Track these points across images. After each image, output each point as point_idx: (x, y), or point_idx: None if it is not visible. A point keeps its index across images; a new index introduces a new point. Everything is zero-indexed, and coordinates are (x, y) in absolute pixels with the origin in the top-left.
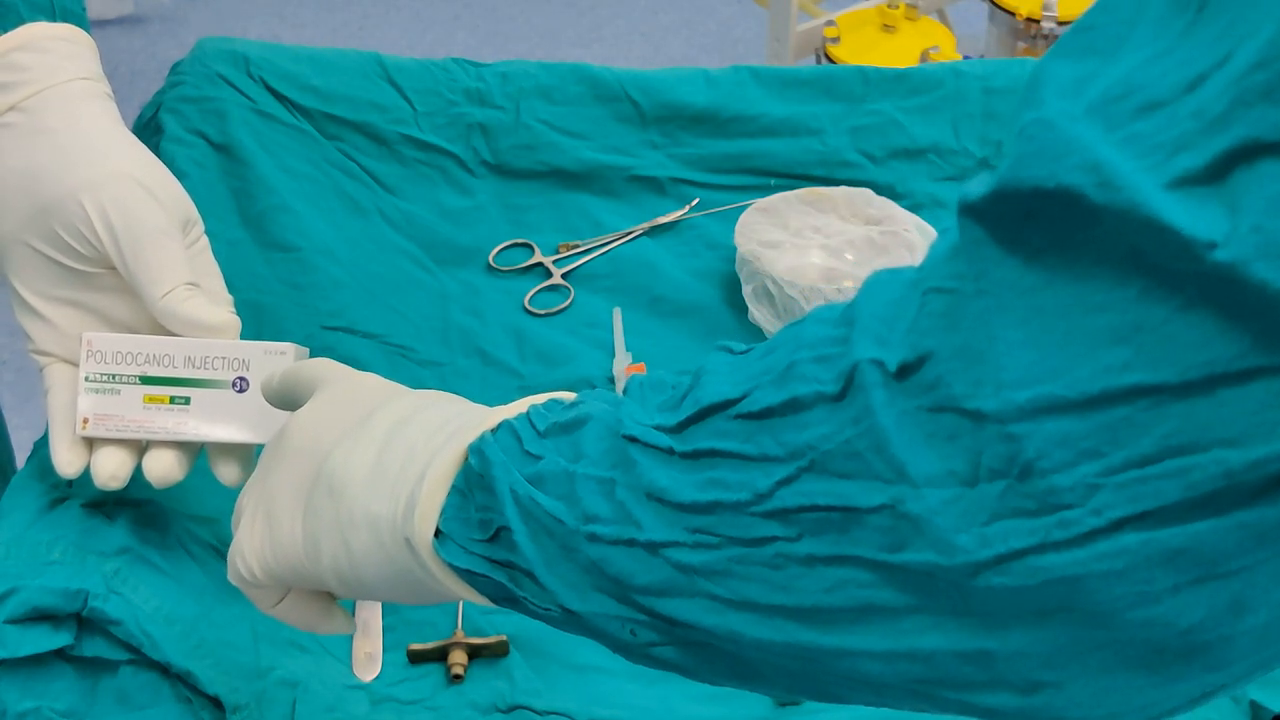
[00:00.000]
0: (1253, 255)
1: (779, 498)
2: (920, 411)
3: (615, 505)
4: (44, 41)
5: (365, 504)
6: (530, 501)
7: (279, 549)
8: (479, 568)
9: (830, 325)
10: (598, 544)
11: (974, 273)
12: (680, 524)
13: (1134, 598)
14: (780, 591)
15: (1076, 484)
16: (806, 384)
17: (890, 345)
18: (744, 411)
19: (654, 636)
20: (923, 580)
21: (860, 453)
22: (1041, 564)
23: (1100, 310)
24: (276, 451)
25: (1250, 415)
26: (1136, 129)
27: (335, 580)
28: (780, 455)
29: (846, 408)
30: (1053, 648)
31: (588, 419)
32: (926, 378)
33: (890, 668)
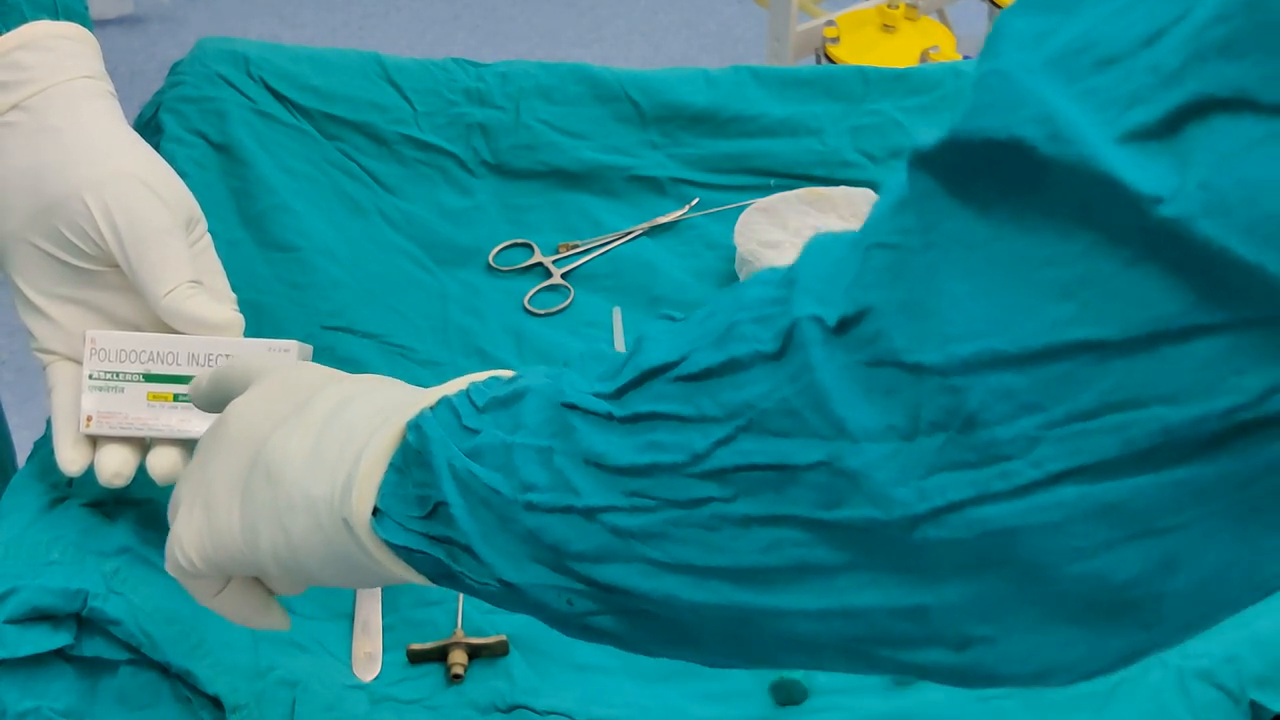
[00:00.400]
0: (1198, 212)
1: (716, 458)
2: (859, 366)
3: (553, 473)
4: (47, 40)
5: (303, 487)
6: (468, 474)
7: (217, 537)
8: (416, 544)
9: (771, 286)
10: (535, 512)
11: (920, 226)
12: (617, 488)
13: (1069, 551)
14: (716, 553)
15: (1017, 436)
16: (745, 344)
17: (830, 302)
18: (683, 373)
19: (591, 605)
20: (859, 537)
21: (797, 410)
22: (979, 516)
23: (1047, 264)
24: (213, 441)
25: (1190, 373)
26: (1094, 83)
27: (275, 566)
28: (718, 415)
29: (785, 366)
30: (988, 601)
31: (526, 391)
32: (866, 332)
33: (825, 626)
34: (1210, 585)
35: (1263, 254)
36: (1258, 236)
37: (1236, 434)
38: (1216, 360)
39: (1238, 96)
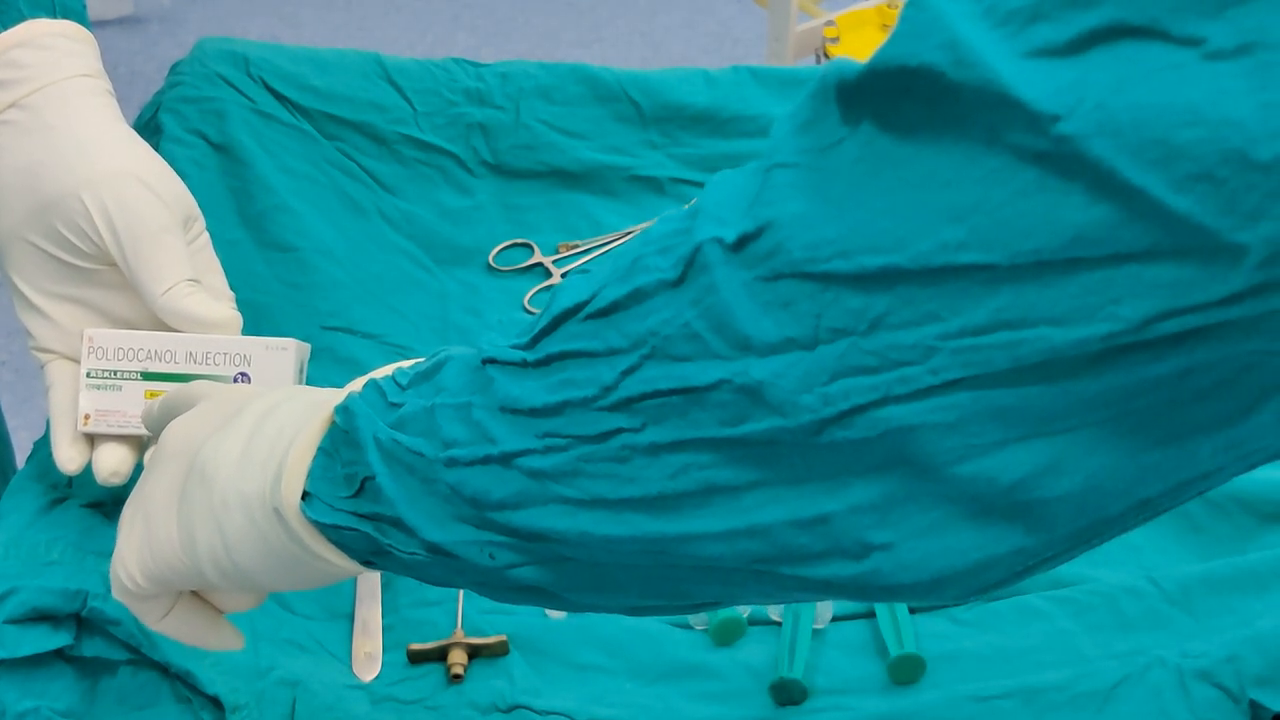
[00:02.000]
0: (1092, 131)
1: (623, 388)
2: (757, 282)
3: (472, 426)
4: (45, 38)
5: (236, 484)
6: (392, 444)
7: (156, 549)
8: (345, 522)
9: (676, 220)
10: (455, 468)
11: (822, 146)
12: (531, 430)
13: (963, 450)
14: (627, 484)
15: (917, 343)
16: (648, 274)
17: (729, 223)
18: (592, 310)
19: (512, 558)
20: (764, 451)
21: (699, 333)
22: (881, 416)
23: (947, 186)
24: (152, 460)
25: (1072, 300)
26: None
27: (213, 570)
28: (624, 346)
29: (686, 290)
30: (887, 502)
31: (447, 360)
32: (764, 246)
33: (732, 547)
34: (1092, 494)
35: (1147, 177)
36: (1145, 160)
37: (1118, 354)
38: (1096, 289)
39: (1149, 25)
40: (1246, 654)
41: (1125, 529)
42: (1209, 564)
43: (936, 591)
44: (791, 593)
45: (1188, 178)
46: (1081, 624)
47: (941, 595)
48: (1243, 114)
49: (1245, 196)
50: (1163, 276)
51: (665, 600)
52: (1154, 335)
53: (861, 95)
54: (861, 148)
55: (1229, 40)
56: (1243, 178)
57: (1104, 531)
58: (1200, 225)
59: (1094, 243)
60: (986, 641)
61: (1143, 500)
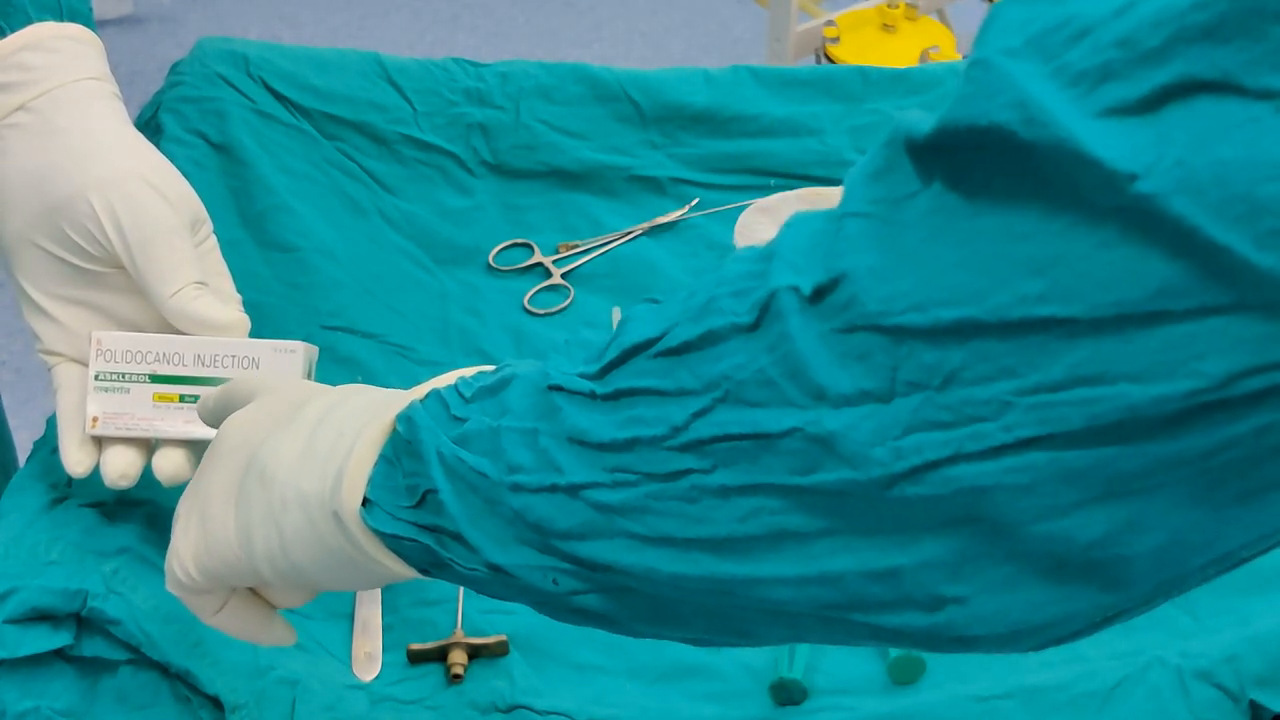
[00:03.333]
0: (1172, 189)
1: (694, 430)
2: (833, 334)
3: (538, 454)
4: (51, 41)
5: (295, 484)
6: (456, 460)
7: (213, 545)
8: (405, 532)
9: (750, 262)
10: (520, 493)
11: (895, 197)
12: (599, 464)
13: (1038, 510)
14: (696, 524)
15: (992, 399)
16: (723, 316)
17: (806, 271)
18: (663, 349)
19: (575, 585)
20: (834, 501)
21: (774, 380)
22: (953, 474)
23: (1024, 239)
24: (210, 454)
25: (1154, 355)
26: (1067, 58)
27: (269, 568)
28: (696, 388)
29: (761, 336)
30: (959, 560)
31: (513, 378)
32: (840, 298)
33: (802, 593)
34: (1173, 549)
35: (1230, 235)
36: (1227, 217)
37: (1199, 413)
38: (1179, 344)
39: (1222, 80)
40: (1246, 654)
41: (1206, 579)
42: None
43: (1011, 644)
44: (862, 639)
45: (1271, 233)
46: None
47: (1016, 647)
48: None
49: None
50: (1247, 331)
51: (730, 637)
52: (1236, 393)
53: (931, 153)
54: (934, 200)
55: None
56: None
57: (1184, 584)
58: None
59: (1178, 296)
60: None
61: (1224, 553)
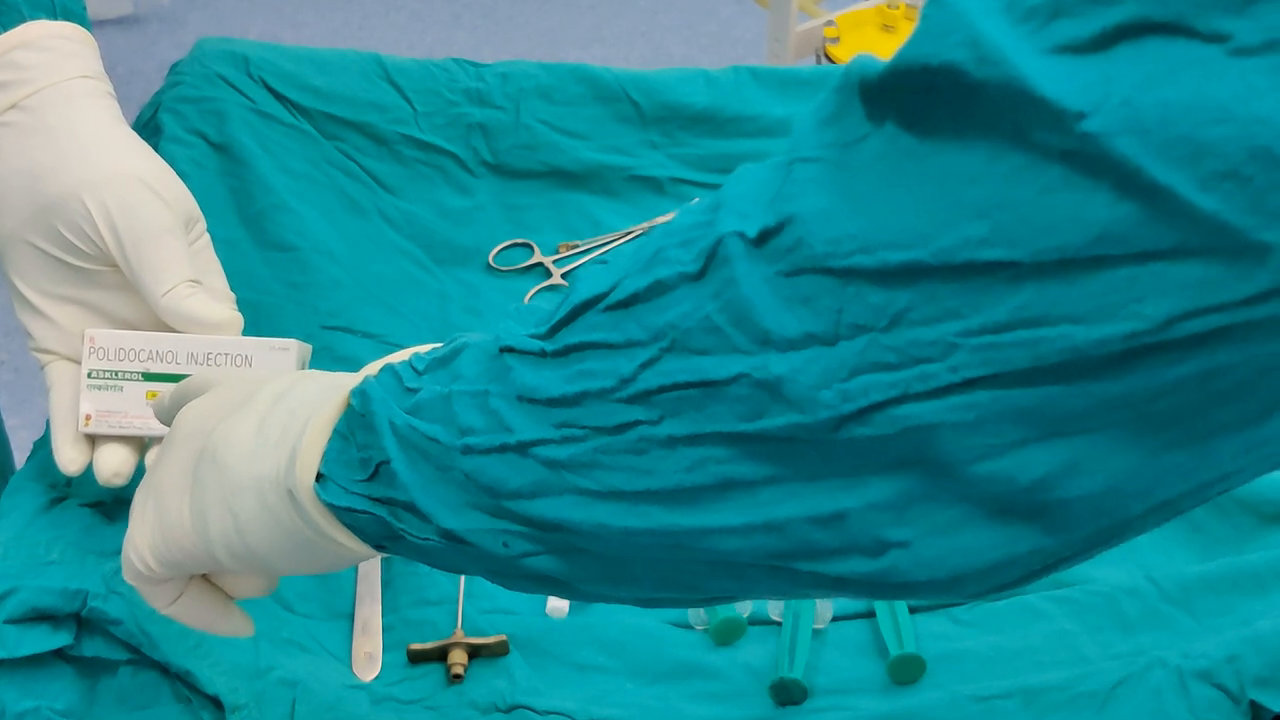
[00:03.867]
0: (1118, 129)
1: (641, 380)
2: (778, 277)
3: (489, 415)
4: (45, 40)
5: (249, 466)
6: (408, 429)
7: (168, 532)
8: (358, 505)
9: (698, 213)
10: (472, 455)
11: (844, 141)
12: (548, 420)
13: (982, 449)
14: (644, 476)
15: (938, 340)
16: (669, 266)
17: (751, 217)
18: (612, 302)
19: (527, 546)
20: (781, 447)
21: (719, 326)
22: (900, 413)
23: (971, 182)
24: (164, 444)
25: (1095, 298)
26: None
27: (225, 553)
28: (643, 339)
29: (707, 283)
30: (905, 500)
31: (465, 347)
32: (786, 241)
33: (748, 542)
34: (1112, 495)
35: (1173, 176)
36: (1171, 158)
37: (1140, 354)
38: (1120, 287)
39: (1173, 21)
40: (1246, 654)
41: (1145, 529)
42: (1209, 564)
43: (953, 589)
44: (806, 589)
45: (1214, 175)
46: (1082, 624)
47: (957, 593)
48: (1270, 111)
49: (1272, 195)
50: (1187, 275)
51: (679, 593)
52: (1177, 335)
53: (884, 94)
54: (885, 144)
55: (1255, 36)
56: (1270, 175)
57: (1123, 532)
58: (1226, 224)
59: (1119, 240)
60: (987, 641)
61: (1163, 501)
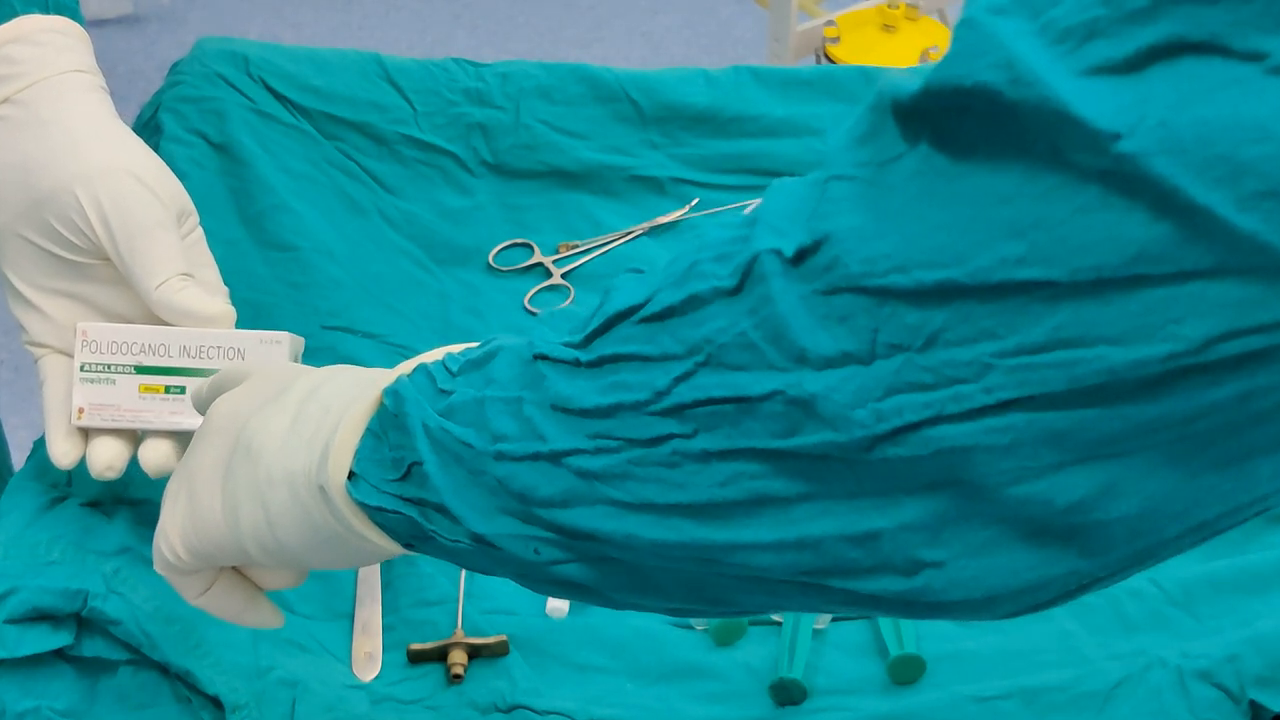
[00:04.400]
0: (1155, 149)
1: (675, 394)
2: (815, 295)
3: (522, 422)
4: (38, 34)
5: (281, 461)
6: (441, 432)
7: (200, 523)
8: (389, 505)
9: (733, 228)
10: (504, 462)
11: (880, 160)
12: (582, 431)
13: (1018, 472)
14: (676, 490)
15: (973, 360)
16: (705, 280)
17: (788, 234)
18: (647, 314)
19: (557, 554)
20: (815, 465)
21: (755, 343)
22: (934, 435)
23: (1007, 202)
24: (198, 435)
25: (1133, 318)
26: (1054, 14)
27: (255, 546)
28: (678, 353)
29: (743, 299)
30: (939, 521)
31: (499, 350)
32: (823, 260)
33: (780, 559)
34: (1150, 516)
35: (1212, 196)
36: (1209, 178)
37: (1178, 376)
38: (1158, 307)
39: (1209, 40)
40: (1246, 654)
41: (1181, 550)
42: (1210, 564)
43: (987, 609)
44: (838, 605)
45: (1253, 195)
46: (1083, 624)
47: (992, 613)
48: None
49: None
50: (1226, 296)
51: (707, 605)
52: (1215, 356)
53: (918, 114)
54: (919, 164)
55: None
56: None
57: (1159, 552)
58: (1266, 244)
59: (1156, 260)
60: (987, 641)
61: (1200, 522)
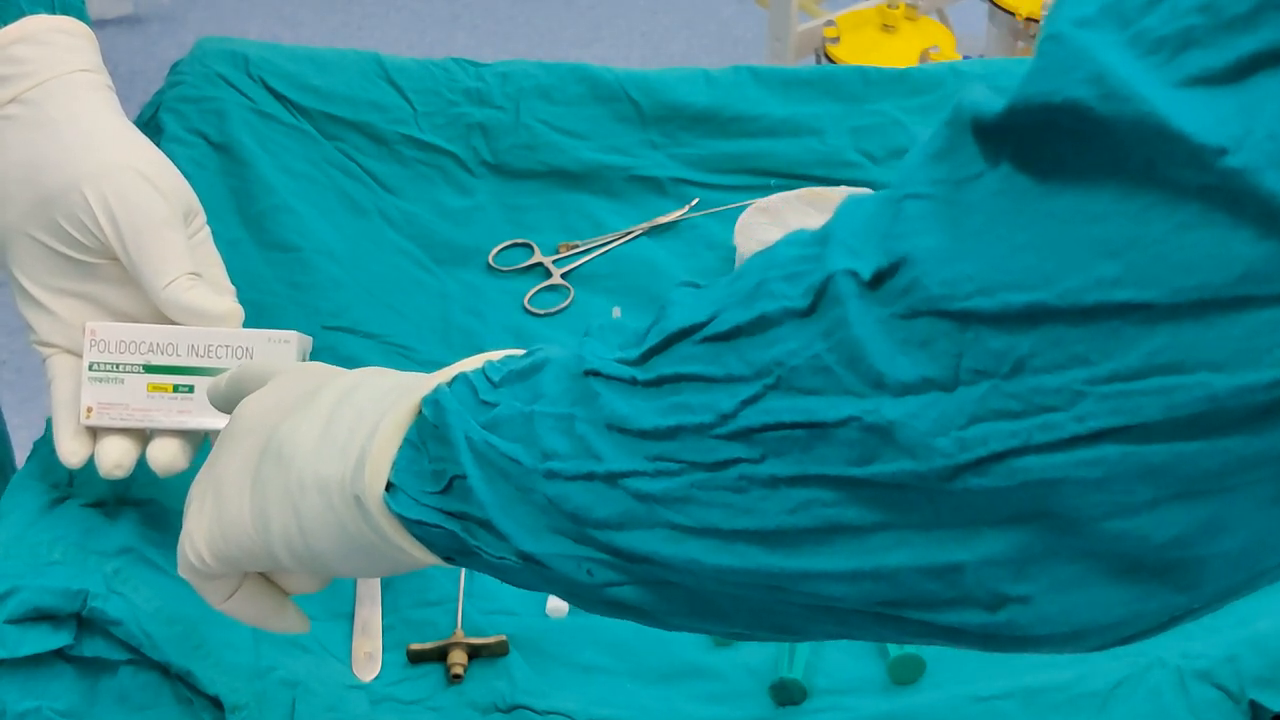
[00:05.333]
0: (1265, 163)
1: (743, 418)
2: (893, 319)
3: (574, 440)
4: (44, 34)
5: (314, 467)
6: (486, 446)
7: (228, 528)
8: (430, 519)
9: (802, 245)
10: (556, 480)
11: (957, 178)
12: (641, 452)
13: (1111, 507)
14: (743, 515)
15: (1063, 388)
16: (775, 300)
17: (864, 255)
18: (710, 334)
19: (611, 576)
20: (892, 494)
21: (829, 367)
22: (1021, 465)
23: (1099, 220)
24: (225, 436)
25: (1237, 342)
26: (1146, 23)
27: (286, 553)
28: (746, 374)
29: (816, 321)
30: (1025, 555)
31: (545, 363)
32: (901, 282)
33: (855, 589)
34: (1251, 551)
35: None
36: None
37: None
38: (1265, 331)
39: None
40: (1246, 654)
41: (1276, 580)
42: None
43: (1074, 643)
44: (914, 636)
45: None
46: None
47: (1079, 647)
48: None
49: None
50: None
51: (772, 632)
52: None
53: (1000, 133)
54: (1001, 182)
55: None
56: None
57: (1257, 582)
58: None
59: (1264, 280)
60: None
61: None
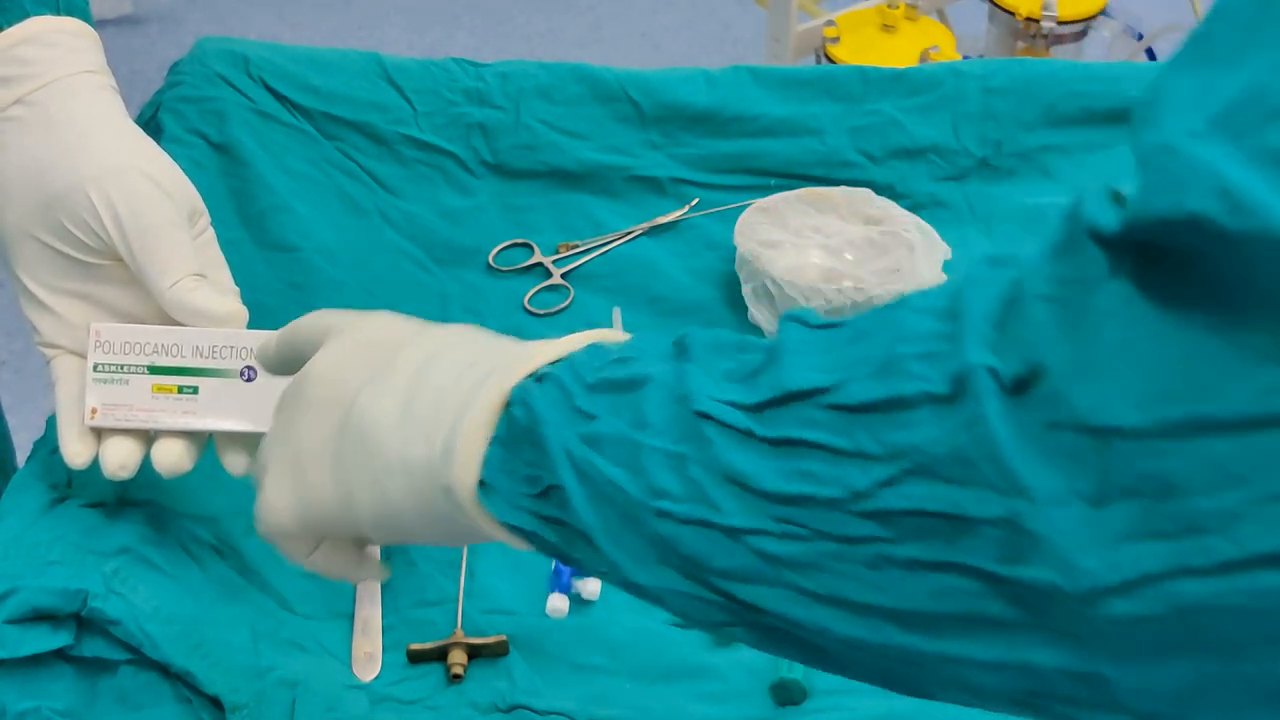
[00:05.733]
0: None
1: (879, 498)
2: (1037, 427)
3: (688, 483)
4: (49, 35)
5: (398, 449)
6: (587, 464)
7: (310, 502)
8: (529, 524)
9: (932, 317)
10: (668, 520)
11: (1083, 279)
12: (765, 512)
13: (1271, 635)
14: (878, 592)
15: (1220, 509)
16: (912, 381)
17: (1002, 353)
18: (837, 403)
19: (726, 618)
20: (1039, 598)
21: (973, 460)
22: (1175, 590)
23: (1247, 330)
24: (296, 402)
25: None
26: (1266, 138)
27: (374, 528)
28: (879, 454)
29: (958, 412)
30: (1175, 684)
31: (646, 380)
32: (1042, 392)
33: (999, 678)
34: None
35: None
36: None
37: None
38: None
39: None
40: None
41: None
42: None
43: None
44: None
45: None
46: None
47: None
48: None
49: None
50: None
51: (901, 693)
52: None
53: (1121, 246)
54: (1131, 291)
55: None
56: None
57: None
58: None
59: None
60: None
61: None
